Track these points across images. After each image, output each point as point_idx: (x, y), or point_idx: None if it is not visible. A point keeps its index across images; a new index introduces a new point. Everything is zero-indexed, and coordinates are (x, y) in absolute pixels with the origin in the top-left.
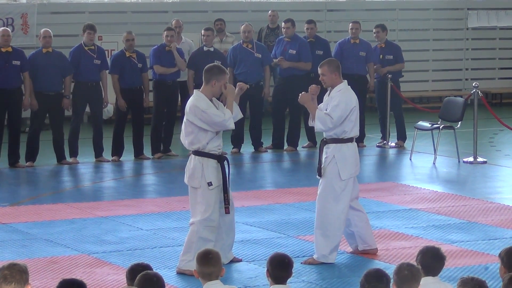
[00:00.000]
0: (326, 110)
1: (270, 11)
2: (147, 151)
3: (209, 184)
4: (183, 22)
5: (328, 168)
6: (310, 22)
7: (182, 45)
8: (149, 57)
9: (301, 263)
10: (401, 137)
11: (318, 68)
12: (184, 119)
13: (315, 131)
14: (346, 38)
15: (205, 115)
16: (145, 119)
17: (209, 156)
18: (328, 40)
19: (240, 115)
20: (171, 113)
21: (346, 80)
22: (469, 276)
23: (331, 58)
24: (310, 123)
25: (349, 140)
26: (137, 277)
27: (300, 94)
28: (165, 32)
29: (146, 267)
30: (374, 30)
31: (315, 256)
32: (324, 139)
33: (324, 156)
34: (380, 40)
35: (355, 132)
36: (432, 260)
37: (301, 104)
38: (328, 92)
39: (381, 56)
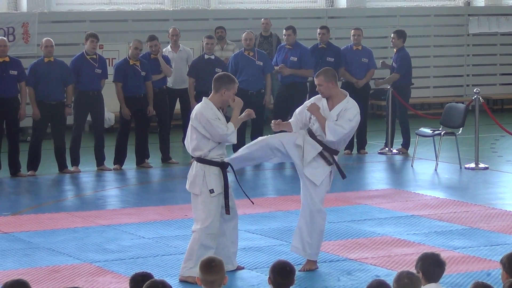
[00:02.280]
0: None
1: (262, 19)
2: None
3: (211, 191)
4: (184, 30)
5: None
6: (323, 27)
7: (179, 53)
8: None
9: (299, 271)
10: (405, 144)
11: (315, 78)
12: (189, 125)
13: (325, 141)
14: (348, 45)
15: (209, 124)
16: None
17: (211, 163)
18: (340, 48)
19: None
20: (163, 121)
21: (347, 93)
22: (484, 282)
23: (327, 67)
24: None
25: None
26: (144, 286)
27: (310, 104)
28: (148, 43)
29: (147, 276)
30: (392, 36)
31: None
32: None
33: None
34: (395, 46)
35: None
36: (432, 266)
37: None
38: (323, 100)
39: (392, 63)
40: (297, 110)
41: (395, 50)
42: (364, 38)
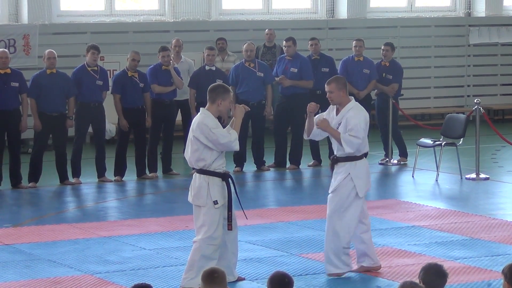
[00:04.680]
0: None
1: (267, 30)
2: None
3: (215, 202)
4: (185, 42)
5: (343, 185)
6: (313, 39)
7: (181, 64)
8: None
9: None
10: (403, 153)
11: (326, 85)
12: (190, 136)
13: (345, 152)
14: (350, 56)
15: (212, 134)
16: (147, 139)
17: (214, 174)
18: (333, 57)
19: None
20: (169, 132)
21: (353, 97)
22: None
23: (338, 76)
24: (305, 137)
25: (362, 156)
26: None
27: (318, 121)
28: (160, 53)
29: (146, 287)
30: (383, 48)
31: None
32: (335, 157)
33: (338, 174)
34: (387, 58)
35: (367, 148)
36: (434, 277)
37: (302, 122)
38: (334, 109)
39: (383, 74)
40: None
41: (384, 63)
42: (365, 48)
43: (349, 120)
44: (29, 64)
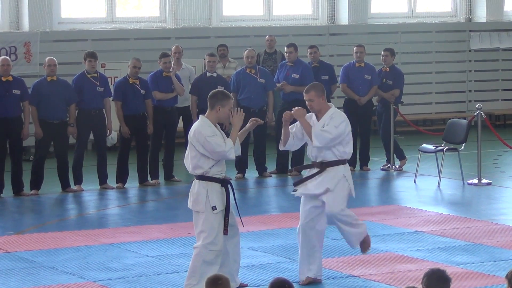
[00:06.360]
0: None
1: (267, 36)
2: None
3: (214, 208)
4: (186, 49)
5: (339, 186)
6: (312, 46)
7: (182, 71)
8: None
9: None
10: (401, 156)
11: (304, 94)
12: (189, 143)
13: (313, 146)
14: (351, 62)
15: (207, 143)
16: (149, 146)
17: (213, 180)
18: (332, 65)
19: (238, 152)
20: (170, 139)
21: (333, 105)
22: None
23: (316, 82)
24: (281, 147)
25: (347, 161)
26: None
27: (294, 108)
28: (162, 59)
29: None
30: (382, 53)
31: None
32: (322, 163)
33: (326, 175)
34: (386, 64)
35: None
36: (437, 282)
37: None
38: (313, 116)
39: (384, 80)
40: (293, 128)
41: (385, 69)
42: (366, 54)
43: (332, 120)
44: (30, 71)
